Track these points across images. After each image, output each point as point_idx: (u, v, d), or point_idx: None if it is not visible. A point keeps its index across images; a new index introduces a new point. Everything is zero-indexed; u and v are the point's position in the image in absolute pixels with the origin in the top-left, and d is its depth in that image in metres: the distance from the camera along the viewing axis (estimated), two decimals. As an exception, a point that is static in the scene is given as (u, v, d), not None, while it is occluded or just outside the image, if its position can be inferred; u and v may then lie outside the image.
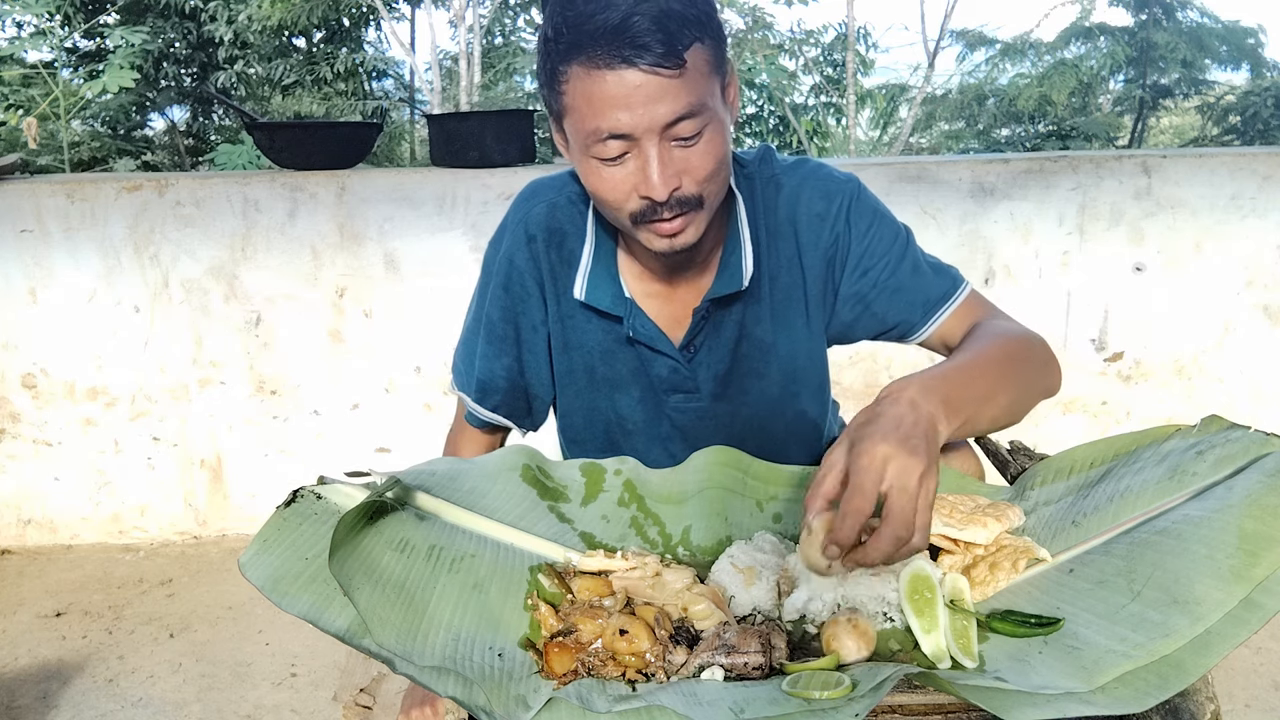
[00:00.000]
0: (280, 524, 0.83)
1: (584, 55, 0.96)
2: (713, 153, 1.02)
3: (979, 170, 2.71)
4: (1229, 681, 2.01)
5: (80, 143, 9.60)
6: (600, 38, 0.95)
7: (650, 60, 0.95)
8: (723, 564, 0.95)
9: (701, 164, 1.02)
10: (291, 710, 2.03)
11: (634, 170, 1.01)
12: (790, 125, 11.94)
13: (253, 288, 2.72)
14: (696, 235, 1.07)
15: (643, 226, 1.05)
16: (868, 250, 1.20)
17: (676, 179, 1.01)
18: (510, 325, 1.25)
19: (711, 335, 1.22)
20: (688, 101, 0.98)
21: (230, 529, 2.89)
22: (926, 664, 0.82)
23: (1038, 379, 1.09)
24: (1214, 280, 2.78)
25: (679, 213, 1.03)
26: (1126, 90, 10.70)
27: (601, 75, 0.96)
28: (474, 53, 11.21)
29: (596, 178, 1.03)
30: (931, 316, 1.21)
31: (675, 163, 1.01)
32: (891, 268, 1.20)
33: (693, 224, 1.05)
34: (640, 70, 0.95)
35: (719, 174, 1.05)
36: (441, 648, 0.79)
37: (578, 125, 1.01)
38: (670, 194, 1.01)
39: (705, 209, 1.06)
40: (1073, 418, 2.89)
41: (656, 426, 1.29)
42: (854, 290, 1.21)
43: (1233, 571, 0.77)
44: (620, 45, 0.94)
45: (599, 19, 0.95)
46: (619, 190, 1.03)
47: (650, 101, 0.96)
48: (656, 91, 0.96)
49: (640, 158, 1.00)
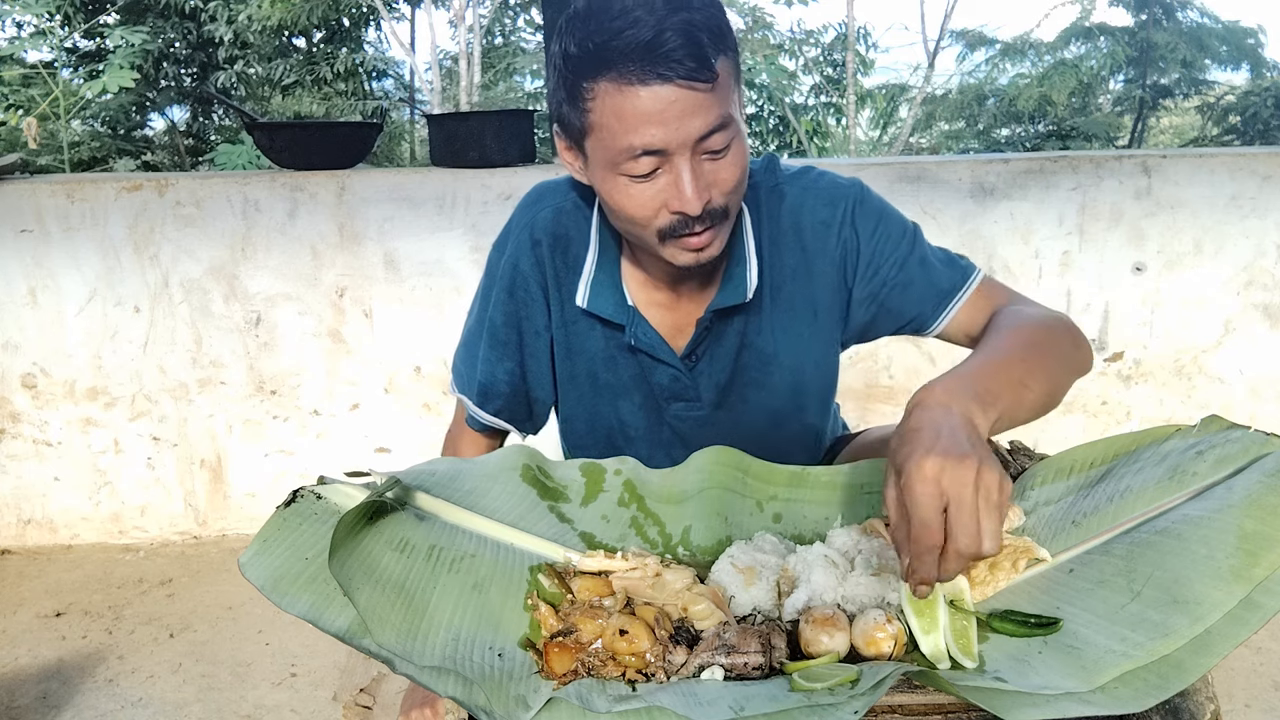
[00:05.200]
0: (280, 524, 0.83)
1: (614, 71, 0.95)
2: (739, 164, 1.03)
3: (979, 170, 2.71)
4: (1229, 681, 2.01)
5: (80, 143, 9.61)
6: (631, 54, 0.94)
7: (684, 75, 0.94)
8: (723, 564, 0.95)
9: (730, 175, 1.02)
10: (291, 710, 2.03)
11: (664, 186, 1.00)
12: (790, 125, 11.94)
13: (253, 288, 2.72)
14: (720, 247, 1.07)
15: (670, 242, 1.04)
16: (876, 251, 1.20)
17: (708, 192, 1.01)
18: (513, 330, 1.25)
19: (713, 345, 1.22)
20: (719, 114, 0.98)
21: (230, 529, 2.89)
22: (926, 664, 0.82)
23: (1068, 358, 1.07)
24: (1214, 280, 2.78)
25: (708, 226, 1.03)
26: (1126, 90, 10.71)
27: (635, 91, 0.95)
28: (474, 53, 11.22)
29: (624, 195, 1.02)
30: (944, 308, 1.20)
31: (705, 176, 1.00)
32: (900, 264, 1.20)
33: (719, 236, 1.06)
34: (675, 85, 0.94)
35: (744, 184, 1.06)
36: (441, 648, 0.79)
37: (606, 143, 1.00)
38: (703, 208, 1.01)
39: (729, 220, 1.06)
40: (1073, 418, 2.89)
41: (658, 433, 1.29)
42: (867, 291, 1.21)
43: (1233, 571, 0.77)
44: (654, 61, 0.93)
45: (628, 35, 0.94)
46: (648, 207, 1.02)
47: (684, 116, 0.96)
48: (690, 106, 0.96)
49: (671, 173, 0.99)
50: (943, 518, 0.75)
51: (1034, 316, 1.11)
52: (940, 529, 0.75)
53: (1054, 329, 1.09)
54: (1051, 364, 1.02)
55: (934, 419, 0.80)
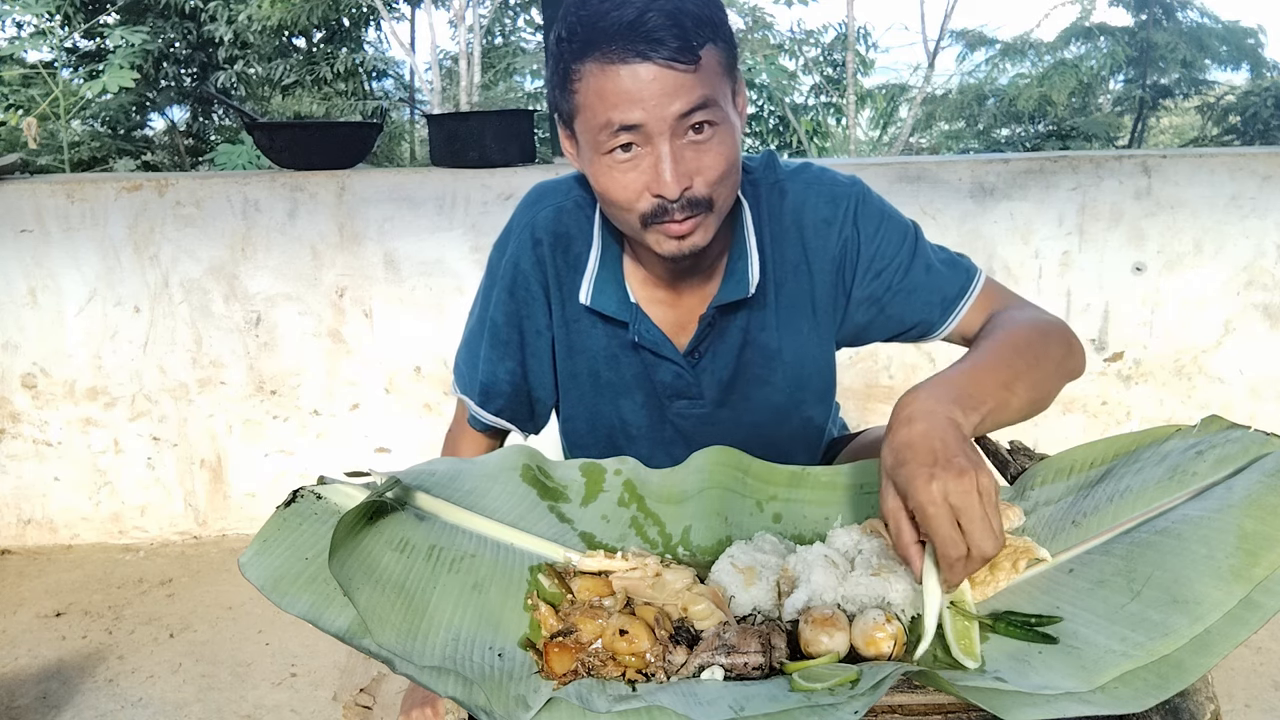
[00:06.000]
0: (280, 524, 0.82)
1: (597, 51, 0.97)
2: (724, 154, 1.03)
3: (979, 170, 2.71)
4: (1229, 681, 2.01)
5: (80, 143, 9.61)
6: (614, 33, 0.95)
7: (665, 54, 0.95)
8: (723, 564, 0.95)
9: (713, 164, 1.02)
10: (291, 710, 2.03)
11: (646, 170, 1.01)
12: (790, 125, 11.95)
13: (253, 288, 2.72)
14: (706, 239, 1.07)
15: (653, 228, 1.05)
16: (878, 252, 1.19)
17: (688, 178, 1.01)
18: (515, 329, 1.25)
19: (716, 341, 1.22)
20: (701, 94, 0.98)
21: (230, 529, 2.89)
22: (926, 664, 0.82)
23: (1058, 363, 1.08)
24: (1214, 280, 2.78)
25: (690, 214, 1.03)
26: (1126, 90, 10.71)
27: (615, 70, 0.96)
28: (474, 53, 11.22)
29: (607, 178, 1.03)
30: (950, 313, 1.20)
31: (687, 162, 1.01)
32: (904, 269, 1.19)
33: (702, 226, 1.05)
34: (654, 64, 0.95)
35: (729, 177, 1.05)
36: (441, 648, 0.79)
37: (589, 122, 1.01)
38: (682, 193, 1.01)
39: (715, 212, 1.06)
40: (1073, 418, 2.89)
41: (660, 431, 1.28)
42: (867, 293, 1.21)
43: (1233, 571, 0.77)
44: (635, 40, 0.95)
45: (613, 16, 0.95)
46: (630, 190, 1.02)
47: (663, 95, 0.96)
48: (670, 85, 0.96)
49: (652, 156, 1.00)
50: (959, 531, 0.79)
51: (1026, 321, 1.12)
52: (963, 540, 0.79)
53: (1046, 333, 1.10)
54: (1040, 368, 1.03)
55: (924, 432, 0.83)
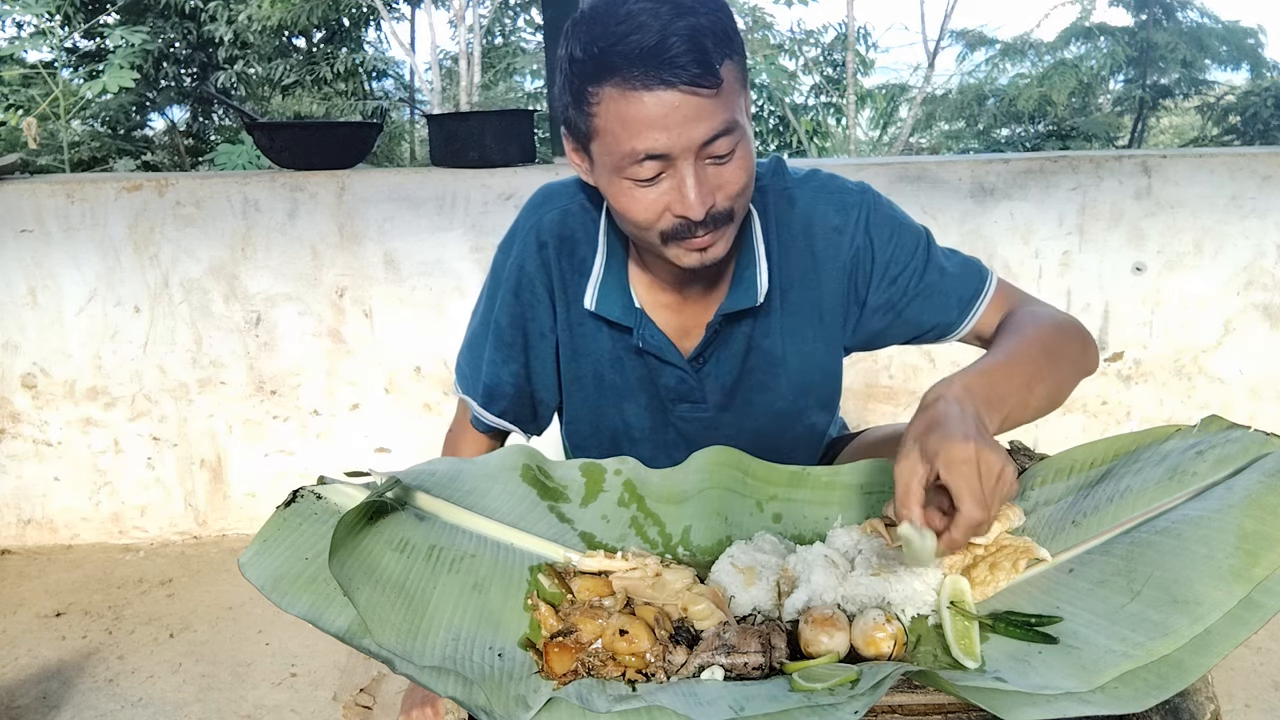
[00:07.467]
0: (280, 524, 0.83)
1: (617, 76, 0.95)
2: (744, 168, 1.03)
3: (979, 170, 2.71)
4: (1229, 681, 2.01)
5: (80, 143, 9.61)
6: (635, 59, 0.94)
7: (688, 80, 0.94)
8: (723, 564, 0.95)
9: (734, 179, 1.02)
10: (291, 710, 2.03)
11: (668, 190, 1.01)
12: (790, 125, 11.94)
13: (253, 288, 2.72)
14: (725, 249, 1.07)
15: (674, 244, 1.05)
16: (893, 259, 1.19)
17: (711, 196, 1.01)
18: (519, 331, 1.25)
19: (721, 348, 1.22)
20: (723, 119, 0.98)
21: (230, 529, 2.89)
22: (926, 664, 0.82)
23: (1075, 361, 1.10)
24: (1214, 280, 2.78)
25: (711, 229, 1.03)
26: (1126, 90, 10.71)
27: (638, 96, 0.95)
28: (474, 53, 11.22)
29: (628, 199, 1.03)
30: (967, 314, 1.21)
31: (710, 180, 1.00)
32: (919, 273, 1.20)
33: (722, 238, 1.05)
34: (678, 91, 0.94)
35: (749, 188, 1.06)
36: (441, 648, 0.79)
37: (610, 147, 1.00)
38: (706, 213, 1.01)
39: (734, 223, 1.06)
40: (1073, 418, 2.89)
41: (662, 434, 1.29)
42: (884, 299, 1.21)
43: (1233, 571, 0.77)
44: (657, 66, 0.93)
45: (633, 40, 0.93)
46: (652, 210, 1.02)
47: (687, 121, 0.96)
48: (694, 111, 0.96)
49: (675, 177, 1.00)
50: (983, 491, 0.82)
51: (1045, 318, 1.13)
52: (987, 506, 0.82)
53: (1065, 330, 1.12)
54: (1059, 366, 1.05)
55: (959, 414, 0.86)
